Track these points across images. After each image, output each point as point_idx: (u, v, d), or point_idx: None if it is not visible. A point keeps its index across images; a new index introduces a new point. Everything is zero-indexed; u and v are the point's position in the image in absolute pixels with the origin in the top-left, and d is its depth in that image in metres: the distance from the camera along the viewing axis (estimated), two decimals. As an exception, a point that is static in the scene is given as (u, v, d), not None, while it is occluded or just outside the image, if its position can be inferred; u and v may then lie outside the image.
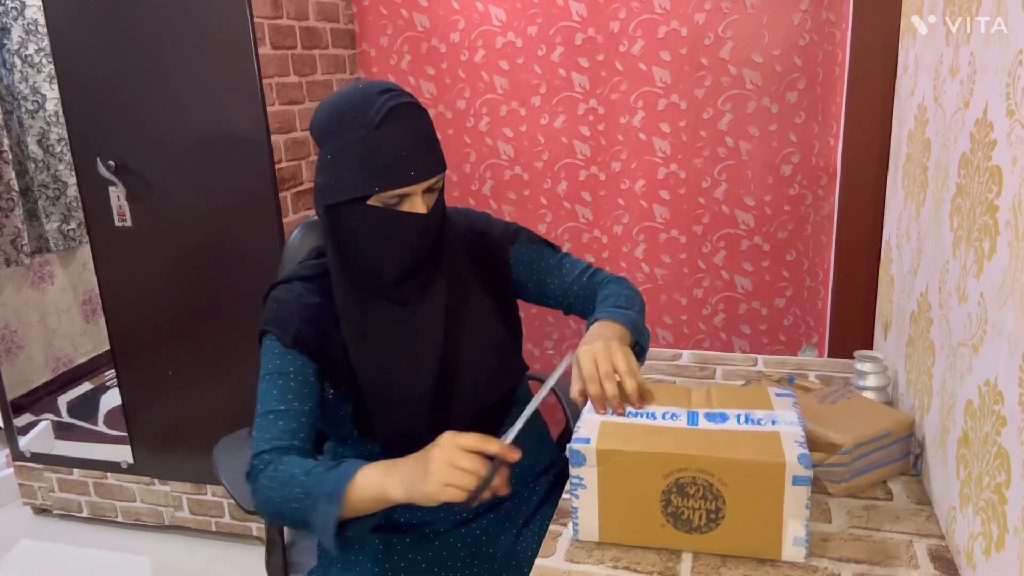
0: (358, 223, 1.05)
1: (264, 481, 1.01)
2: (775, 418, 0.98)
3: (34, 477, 2.36)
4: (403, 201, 1.04)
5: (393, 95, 1.03)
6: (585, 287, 1.23)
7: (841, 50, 1.89)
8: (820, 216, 2.02)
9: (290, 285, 1.14)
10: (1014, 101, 0.78)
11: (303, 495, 0.97)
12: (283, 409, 1.06)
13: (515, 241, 1.25)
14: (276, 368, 1.08)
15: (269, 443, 1.04)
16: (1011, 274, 0.77)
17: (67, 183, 2.68)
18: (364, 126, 1.01)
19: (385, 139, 1.01)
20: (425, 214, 1.05)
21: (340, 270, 1.11)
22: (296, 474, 0.99)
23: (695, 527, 0.95)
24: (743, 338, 2.15)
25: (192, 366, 2.08)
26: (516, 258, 1.25)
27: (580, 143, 2.09)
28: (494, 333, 1.19)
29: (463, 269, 1.17)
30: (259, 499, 1.03)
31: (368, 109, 1.01)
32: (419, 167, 1.03)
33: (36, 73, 2.56)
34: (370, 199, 1.03)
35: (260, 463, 1.03)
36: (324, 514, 0.95)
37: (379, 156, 1.01)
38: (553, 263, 1.25)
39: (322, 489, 0.96)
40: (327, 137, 1.04)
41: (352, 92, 1.05)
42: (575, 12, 1.99)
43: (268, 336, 1.11)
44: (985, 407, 0.83)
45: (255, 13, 1.78)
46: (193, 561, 2.19)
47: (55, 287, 2.80)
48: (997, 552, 0.78)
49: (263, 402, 1.08)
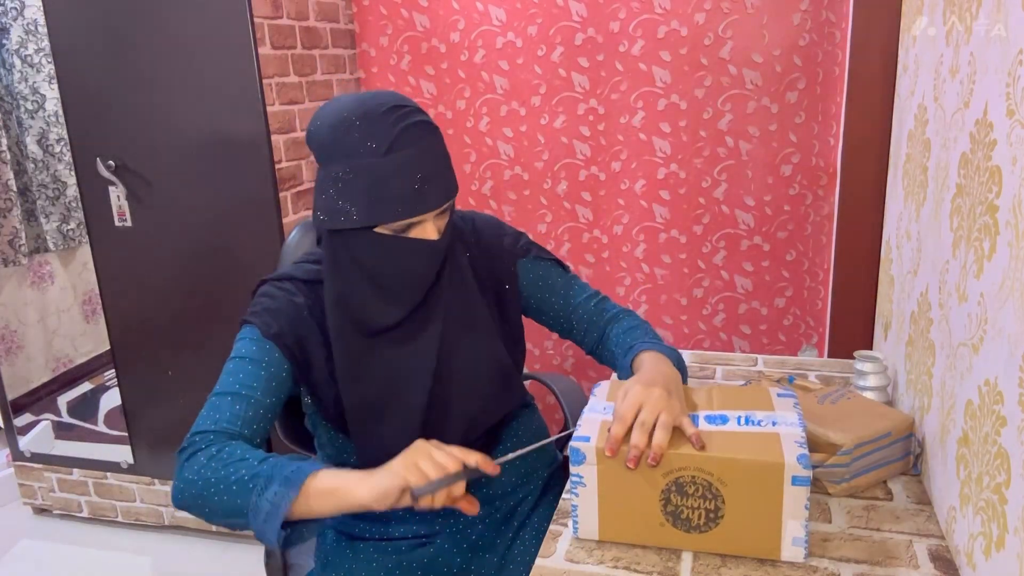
0: (363, 251, 1.00)
1: (202, 459, 0.92)
2: (775, 419, 0.98)
3: (34, 477, 2.36)
4: (412, 227, 0.99)
5: (403, 114, 0.96)
6: (591, 313, 1.19)
7: (841, 50, 1.88)
8: (820, 216, 2.02)
9: (281, 284, 1.10)
10: (1014, 101, 0.78)
11: (249, 478, 0.90)
12: (244, 394, 0.99)
13: (525, 255, 1.20)
14: (249, 354, 1.02)
15: (216, 424, 0.96)
16: (1011, 274, 0.77)
17: (67, 183, 2.68)
18: (372, 152, 0.93)
19: (396, 166, 0.94)
20: (436, 240, 1.01)
21: (336, 303, 1.05)
22: (248, 459, 0.92)
23: (694, 526, 0.95)
24: (743, 338, 2.15)
25: (192, 366, 2.08)
26: (523, 273, 1.20)
27: (580, 143, 2.09)
28: (493, 358, 1.13)
29: (466, 285, 1.12)
30: (187, 477, 0.93)
31: (376, 131, 0.94)
32: (431, 194, 0.97)
33: (36, 73, 2.56)
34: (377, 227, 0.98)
35: (202, 442, 0.94)
36: (276, 496, 0.88)
37: (389, 185, 0.94)
38: (560, 283, 1.21)
39: (280, 472, 0.90)
40: (330, 157, 0.97)
41: (357, 107, 0.96)
42: (575, 12, 1.99)
43: (249, 325, 1.05)
44: (985, 407, 0.83)
45: (255, 13, 1.78)
46: (193, 561, 2.19)
47: (55, 287, 2.80)
48: (997, 552, 0.78)
49: (224, 383, 1.00)
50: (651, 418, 0.93)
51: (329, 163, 0.98)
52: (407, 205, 0.96)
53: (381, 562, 1.14)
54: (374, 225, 0.98)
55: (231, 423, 0.97)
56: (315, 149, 1.00)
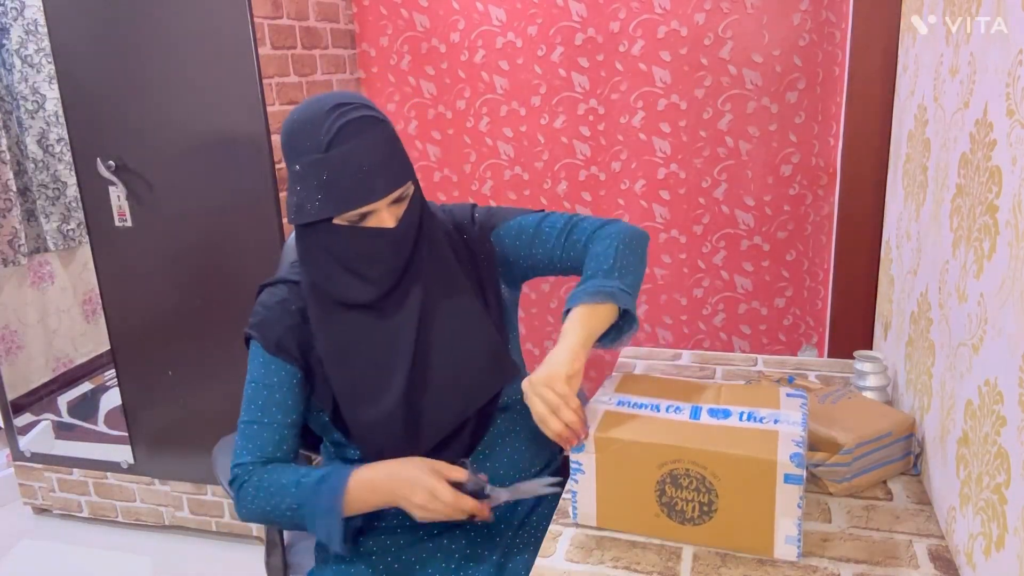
0: (327, 242, 1.06)
1: (250, 491, 1.08)
2: (778, 417, 0.98)
3: (34, 477, 2.36)
4: (368, 217, 1.03)
5: (343, 111, 1.01)
6: (567, 248, 1.17)
7: (841, 50, 1.89)
8: (820, 216, 2.02)
9: (275, 289, 1.15)
10: (1014, 101, 0.78)
11: (296, 506, 1.06)
12: (266, 422, 1.10)
13: (493, 226, 1.20)
14: (261, 378, 1.11)
15: (251, 454, 1.10)
16: (1011, 274, 0.77)
17: (67, 183, 2.68)
18: (316, 148, 0.99)
19: (337, 160, 0.99)
20: (393, 228, 1.04)
21: (312, 288, 1.11)
22: (285, 484, 1.07)
23: (688, 518, 0.96)
24: (743, 338, 2.15)
25: (192, 366, 2.08)
26: (499, 243, 1.20)
27: (580, 143, 2.10)
28: (479, 335, 1.15)
29: (449, 270, 1.14)
30: (245, 508, 1.10)
31: (318, 130, 0.99)
32: (377, 184, 1.01)
33: (36, 73, 2.56)
34: (335, 219, 1.03)
35: (243, 473, 1.09)
36: (327, 527, 1.05)
37: (334, 179, 0.99)
38: (532, 232, 1.19)
39: (319, 505, 1.05)
40: (288, 156, 1.04)
41: (304, 110, 1.03)
42: (575, 12, 1.99)
43: (253, 341, 1.13)
44: (985, 407, 0.83)
45: (255, 13, 1.78)
46: (193, 561, 2.19)
47: (55, 287, 2.80)
48: (997, 552, 0.78)
49: (247, 411, 1.12)
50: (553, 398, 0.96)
51: (289, 162, 1.04)
52: (353, 196, 1.01)
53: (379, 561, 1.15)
54: (330, 217, 1.03)
55: (262, 450, 1.10)
56: (282, 151, 1.07)
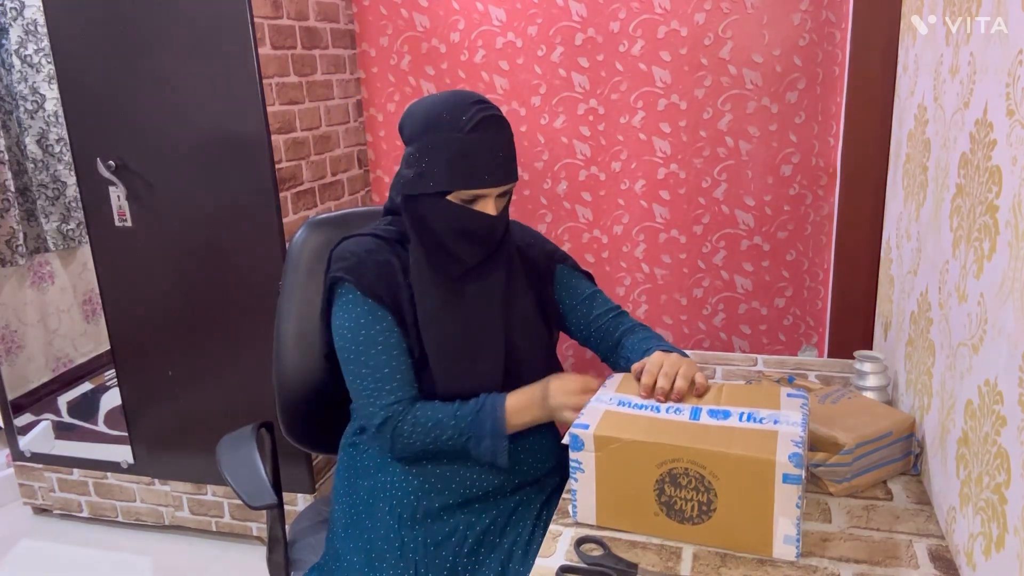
0: (435, 215, 1.16)
1: (406, 428, 1.15)
2: (778, 417, 0.98)
3: (34, 477, 2.36)
4: (477, 201, 1.15)
5: (485, 106, 1.14)
6: (609, 324, 1.32)
7: (841, 50, 1.89)
8: (820, 216, 2.02)
9: (362, 239, 1.23)
10: (1014, 101, 0.78)
11: (457, 435, 1.14)
12: (387, 372, 1.17)
13: (563, 262, 1.35)
14: (369, 324, 1.17)
15: (394, 394, 1.17)
16: (1011, 274, 0.77)
17: (66, 183, 2.68)
18: (457, 129, 1.11)
19: (473, 144, 1.11)
20: (494, 216, 1.17)
21: (416, 250, 1.20)
22: (442, 419, 1.15)
23: (687, 518, 0.96)
24: (743, 338, 2.15)
25: (192, 366, 2.08)
26: (559, 277, 1.34)
27: (580, 143, 2.10)
28: (542, 332, 1.30)
29: (517, 269, 1.28)
30: (401, 445, 1.16)
31: (462, 115, 1.12)
32: (497, 173, 1.14)
33: (35, 73, 2.56)
34: (449, 195, 1.14)
35: (394, 413, 1.16)
36: (492, 448, 1.14)
37: (465, 158, 1.12)
38: (587, 294, 1.34)
39: (483, 429, 1.14)
40: (418, 135, 1.14)
41: (449, 97, 1.15)
42: (575, 12, 1.99)
43: (343, 284, 1.19)
44: (985, 407, 0.83)
45: (255, 13, 1.78)
46: (193, 561, 2.19)
47: (55, 287, 2.80)
48: (997, 552, 0.78)
49: (368, 355, 1.17)
50: (672, 371, 1.07)
51: (419, 138, 1.14)
52: (478, 177, 1.13)
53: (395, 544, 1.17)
54: (448, 192, 1.14)
55: (403, 390, 1.18)
56: (405, 131, 1.17)
